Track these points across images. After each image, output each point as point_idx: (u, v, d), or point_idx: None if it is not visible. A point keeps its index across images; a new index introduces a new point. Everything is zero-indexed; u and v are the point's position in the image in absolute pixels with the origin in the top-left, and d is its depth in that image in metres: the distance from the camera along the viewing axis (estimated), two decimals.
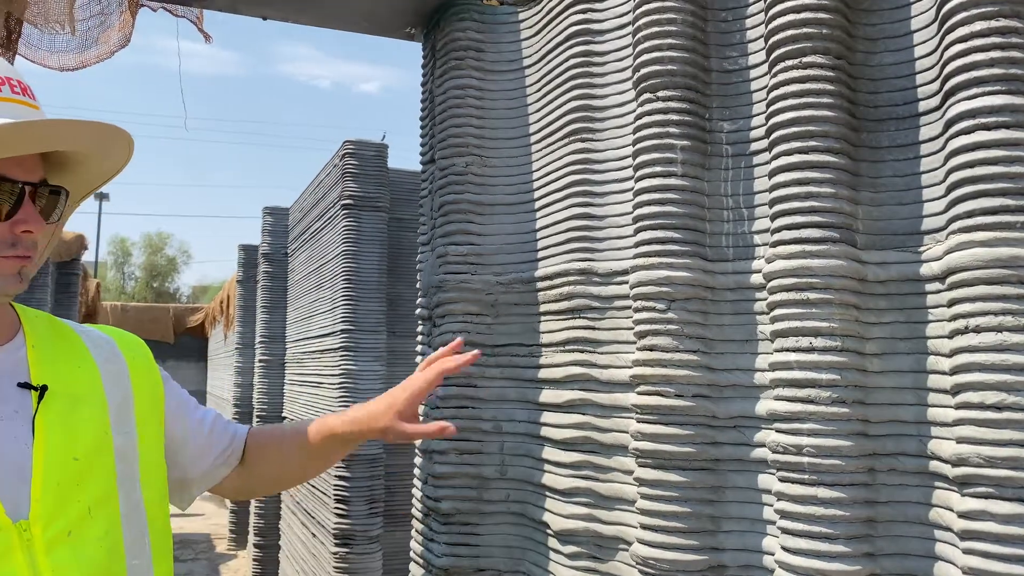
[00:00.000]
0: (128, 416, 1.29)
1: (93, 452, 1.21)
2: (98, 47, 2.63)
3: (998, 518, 1.50)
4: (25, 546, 1.09)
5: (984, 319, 1.54)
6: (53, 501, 1.13)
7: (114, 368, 1.31)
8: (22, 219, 1.14)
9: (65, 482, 1.15)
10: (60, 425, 1.18)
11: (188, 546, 10.30)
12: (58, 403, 1.19)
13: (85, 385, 1.25)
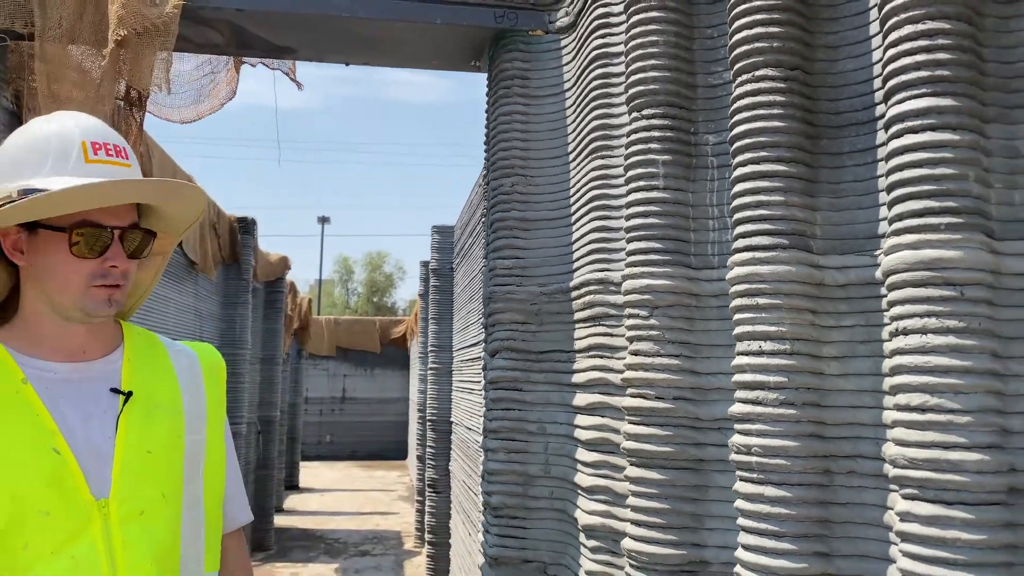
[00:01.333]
0: (200, 422, 1.51)
1: (166, 448, 1.43)
2: (210, 101, 3.11)
3: (921, 519, 1.51)
4: (103, 520, 1.32)
5: (910, 321, 1.55)
6: (128, 485, 1.35)
7: (192, 381, 1.53)
8: (110, 257, 1.37)
9: (139, 470, 1.37)
10: (138, 424, 1.40)
11: (380, 542, 11.13)
12: (139, 407, 1.42)
13: (166, 394, 1.49)
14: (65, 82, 2.73)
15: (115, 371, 1.43)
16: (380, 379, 19.63)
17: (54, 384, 1.36)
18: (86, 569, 1.28)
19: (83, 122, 1.41)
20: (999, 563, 1.46)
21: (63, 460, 1.30)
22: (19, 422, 1.30)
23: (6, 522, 1.22)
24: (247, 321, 8.55)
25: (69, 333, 1.38)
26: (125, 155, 1.41)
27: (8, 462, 1.26)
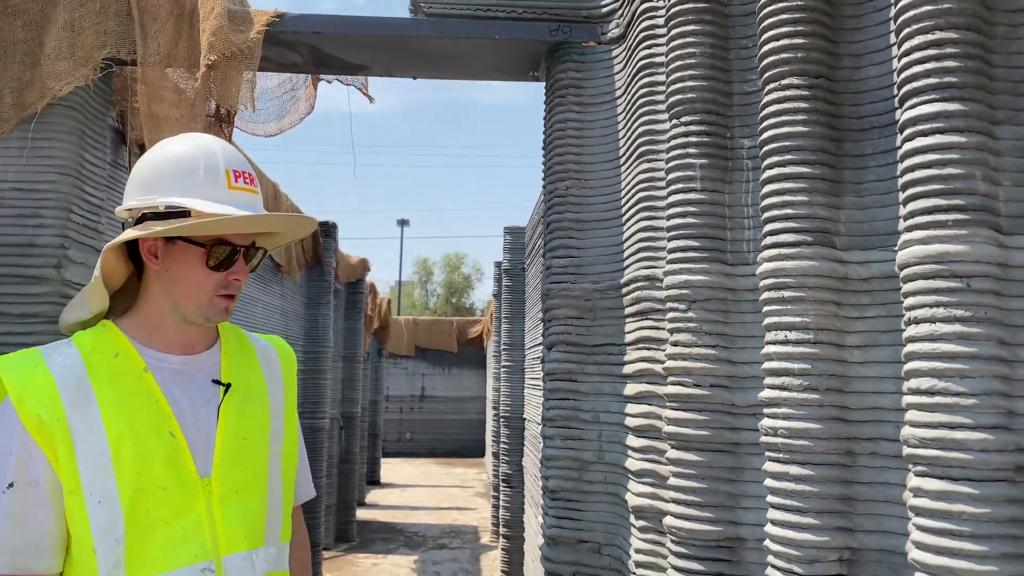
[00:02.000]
0: (280, 408, 1.69)
1: (257, 434, 1.60)
2: (291, 116, 3.38)
3: (930, 494, 1.63)
4: (206, 497, 1.49)
5: (921, 311, 1.67)
6: (227, 467, 1.53)
7: (273, 372, 1.70)
8: (236, 271, 1.54)
9: (235, 454, 1.54)
10: (236, 413, 1.57)
11: (458, 535, 11.43)
12: (236, 397, 1.58)
13: (255, 385, 1.66)
14: (163, 102, 3.03)
15: (215, 364, 1.60)
16: (457, 378, 20.00)
17: (170, 374, 1.51)
18: (194, 537, 1.45)
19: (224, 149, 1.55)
20: (1003, 535, 1.57)
21: (177, 443, 1.46)
22: (142, 406, 1.46)
23: (133, 491, 1.40)
24: (329, 320, 8.92)
25: (184, 331, 1.55)
26: (255, 182, 1.58)
27: (134, 441, 1.42)
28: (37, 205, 2.82)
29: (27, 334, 2.75)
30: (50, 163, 2.86)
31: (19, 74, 2.81)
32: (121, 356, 1.48)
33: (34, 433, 1.38)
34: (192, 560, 1.44)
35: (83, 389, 1.43)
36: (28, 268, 2.79)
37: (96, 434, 1.41)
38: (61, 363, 1.44)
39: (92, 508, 1.39)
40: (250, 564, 1.51)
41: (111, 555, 1.41)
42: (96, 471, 1.39)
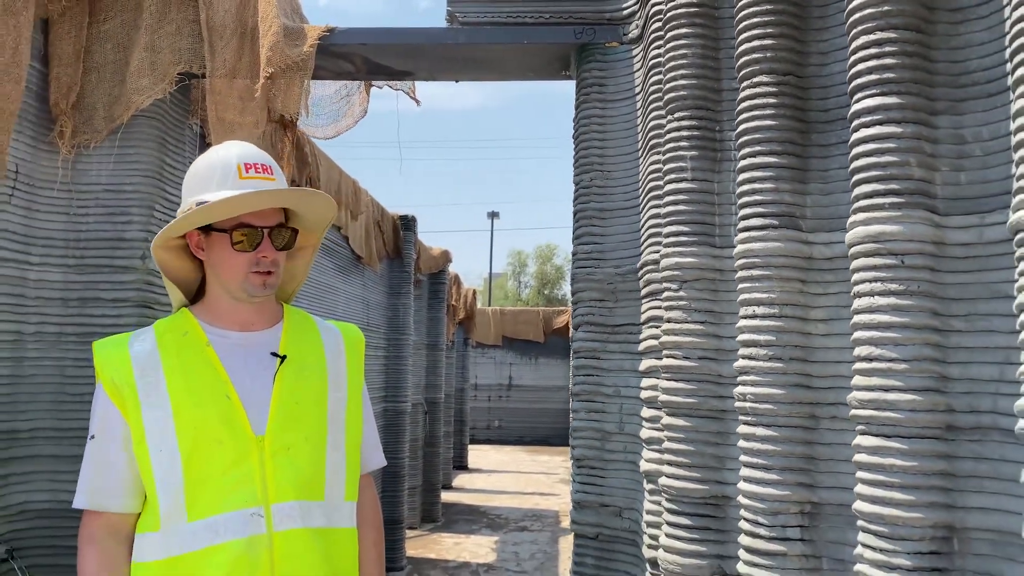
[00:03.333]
0: (341, 383, 1.87)
1: (310, 401, 1.79)
2: (346, 119, 3.73)
3: (867, 450, 1.82)
4: (259, 451, 1.69)
5: (862, 286, 1.86)
6: (279, 427, 1.72)
7: (335, 351, 1.89)
8: (262, 250, 1.74)
9: (287, 416, 1.74)
10: (290, 381, 1.77)
11: (539, 519, 11.74)
12: (291, 367, 1.78)
13: (313, 359, 1.85)
14: (230, 110, 3.42)
15: (275, 340, 1.81)
16: (544, 368, 20.29)
17: (229, 347, 1.74)
18: (246, 486, 1.65)
19: (241, 149, 1.79)
20: (930, 486, 1.74)
21: (232, 404, 1.68)
22: (203, 373, 1.69)
23: (191, 444, 1.63)
24: (409, 309, 9.34)
25: (239, 309, 1.78)
26: (270, 171, 1.79)
27: (194, 402, 1.66)
28: (125, 204, 3.25)
29: (117, 315, 3.18)
30: (135, 167, 3.28)
31: (109, 90, 3.24)
32: (189, 334, 1.73)
33: (111, 395, 1.66)
34: (244, 505, 1.63)
35: (152, 361, 1.69)
36: (118, 259, 3.22)
37: (160, 396, 1.66)
38: (139, 342, 1.72)
39: (154, 457, 1.63)
40: (298, 513, 1.68)
41: (170, 497, 1.63)
42: (159, 426, 1.64)
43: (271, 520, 1.65)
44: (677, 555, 2.31)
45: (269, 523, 1.65)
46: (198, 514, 1.63)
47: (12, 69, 2.81)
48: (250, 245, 1.72)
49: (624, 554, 3.03)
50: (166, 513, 1.64)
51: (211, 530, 1.61)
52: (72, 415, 3.13)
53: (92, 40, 3.23)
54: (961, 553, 1.75)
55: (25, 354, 3.10)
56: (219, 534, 1.61)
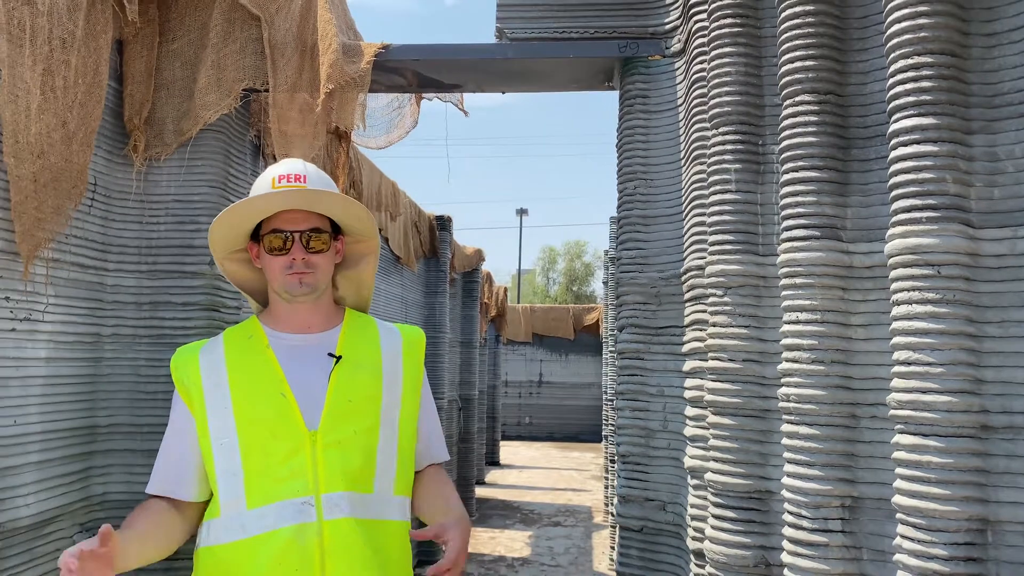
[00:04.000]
0: (396, 381, 1.98)
1: (363, 399, 1.91)
2: (398, 130, 3.90)
3: (906, 448, 1.95)
4: (312, 445, 1.83)
5: (901, 295, 1.99)
6: (331, 422, 1.86)
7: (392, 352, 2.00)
8: (293, 252, 1.91)
9: (340, 413, 1.87)
10: (344, 380, 1.90)
11: (572, 514, 11.90)
12: (347, 367, 1.92)
13: (369, 358, 1.98)
14: (291, 123, 3.60)
15: (333, 341, 1.97)
16: (574, 364, 20.43)
17: (287, 349, 1.90)
18: (299, 477, 1.79)
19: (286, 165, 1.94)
20: (965, 482, 1.87)
21: (287, 401, 1.83)
22: (262, 373, 1.86)
23: (250, 437, 1.80)
24: (446, 308, 9.53)
25: (295, 311, 1.94)
26: (303, 180, 1.90)
27: (253, 400, 1.83)
28: (193, 213, 3.44)
29: (186, 318, 3.38)
30: (202, 178, 3.47)
31: (178, 106, 3.43)
32: (252, 337, 1.92)
33: (182, 394, 1.86)
34: (296, 494, 1.77)
35: (217, 362, 1.87)
36: (187, 265, 3.42)
37: (222, 393, 1.83)
38: (208, 346, 1.92)
39: (216, 450, 1.80)
40: (347, 503, 1.79)
41: (231, 487, 1.78)
42: (221, 422, 1.81)
43: (321, 509, 1.76)
44: (723, 546, 2.45)
45: (319, 512, 1.76)
46: (255, 502, 1.76)
47: (94, 90, 3.01)
48: (281, 248, 1.87)
49: (668, 546, 3.17)
50: (226, 501, 1.78)
51: (267, 517, 1.75)
52: (146, 412, 3.33)
53: (162, 59, 3.42)
54: (995, 544, 1.88)
55: (103, 354, 3.31)
56: (274, 521, 1.74)
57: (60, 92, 2.85)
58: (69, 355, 3.12)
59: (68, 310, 3.10)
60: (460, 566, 1.77)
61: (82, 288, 3.19)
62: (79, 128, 2.95)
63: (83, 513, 3.22)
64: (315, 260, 1.90)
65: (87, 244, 3.21)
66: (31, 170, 2.74)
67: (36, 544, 2.95)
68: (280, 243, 1.88)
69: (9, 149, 2.67)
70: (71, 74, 2.90)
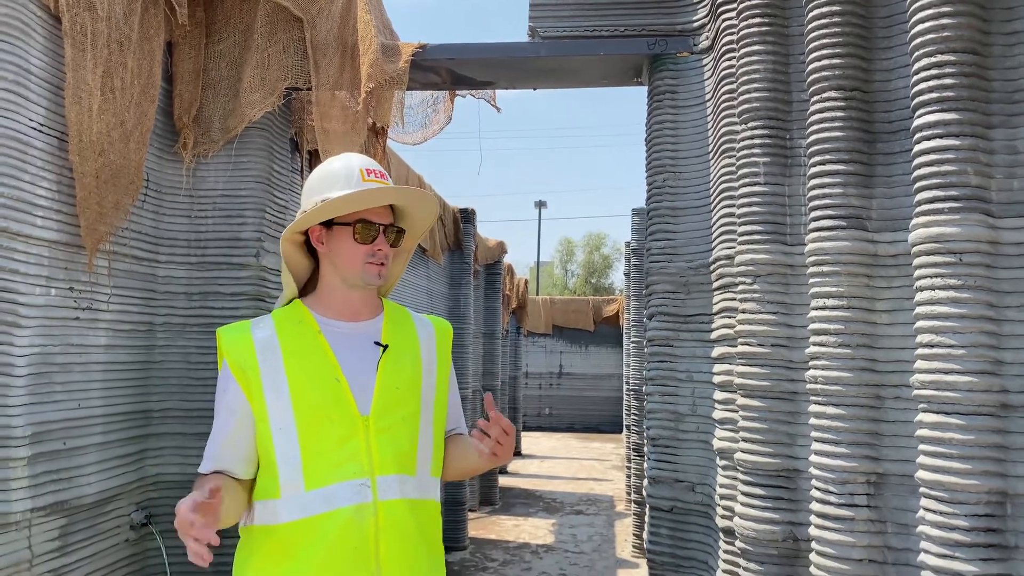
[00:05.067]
0: (432, 370, 2.07)
1: (408, 386, 1.99)
2: (433, 126, 4.03)
3: (928, 425, 2.07)
4: (365, 430, 1.90)
5: (924, 281, 2.10)
6: (381, 409, 1.93)
7: (428, 341, 2.09)
8: (378, 244, 1.92)
9: (389, 400, 1.93)
10: (391, 368, 1.97)
11: (594, 503, 12.04)
12: (392, 356, 1.98)
13: (410, 348, 2.06)
14: (332, 120, 3.74)
15: (377, 330, 2.02)
16: (594, 356, 20.53)
17: (339, 336, 1.94)
18: (355, 460, 1.85)
19: (361, 158, 2.02)
20: (985, 457, 1.98)
21: (342, 387, 1.88)
22: (316, 359, 1.90)
23: (307, 421, 1.84)
24: (470, 300, 9.67)
25: (351, 299, 1.98)
26: (385, 177, 2.04)
27: (309, 385, 1.87)
28: (240, 207, 3.60)
29: (234, 308, 3.53)
30: (248, 173, 3.62)
31: (224, 105, 3.59)
32: (302, 323, 1.94)
33: (237, 377, 1.85)
34: (353, 476, 1.83)
35: (272, 346, 1.89)
36: (235, 257, 3.57)
37: (279, 378, 1.85)
38: (259, 328, 1.92)
39: (275, 432, 1.83)
40: (398, 484, 1.87)
41: (289, 469, 1.83)
42: (279, 406, 1.84)
43: (376, 490, 1.84)
44: (753, 522, 2.58)
45: (375, 493, 1.84)
46: (314, 484, 1.82)
47: (148, 90, 3.16)
48: (368, 238, 1.94)
49: (697, 525, 3.30)
50: (285, 482, 1.83)
51: (326, 498, 1.80)
52: (196, 397, 3.49)
53: (209, 59, 3.57)
54: (1013, 516, 2.00)
55: (155, 343, 3.48)
56: (333, 502, 1.80)
57: (118, 93, 3.01)
58: (126, 343, 3.29)
59: (125, 300, 3.27)
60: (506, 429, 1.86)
61: (136, 279, 3.35)
62: (135, 127, 3.11)
63: (139, 493, 3.39)
64: (391, 253, 2.01)
65: (141, 237, 3.37)
66: (93, 167, 2.90)
67: (98, 521, 3.12)
68: (371, 234, 1.95)
69: (74, 147, 2.83)
70: (128, 75, 3.06)
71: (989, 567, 1.97)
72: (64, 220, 2.86)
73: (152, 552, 3.42)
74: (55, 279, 2.84)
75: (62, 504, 2.87)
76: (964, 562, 1.98)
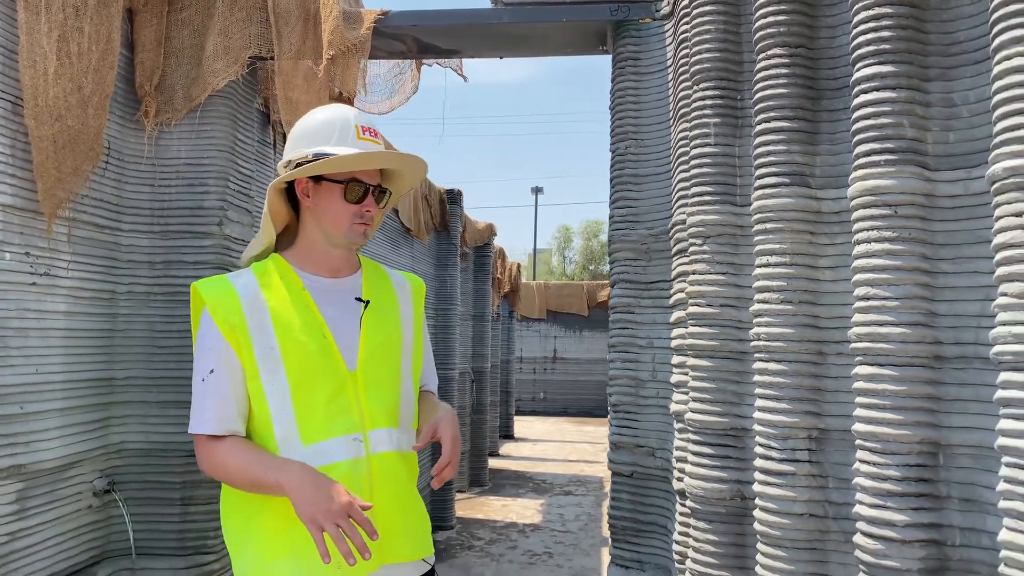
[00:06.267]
0: (409, 324, 2.10)
1: (390, 340, 2.01)
2: (398, 96, 4.02)
3: (864, 378, 2.07)
4: (354, 384, 1.85)
5: (861, 234, 2.11)
6: (368, 363, 1.88)
7: (405, 296, 2.11)
8: (367, 204, 1.90)
9: (374, 354, 1.94)
10: (373, 323, 1.98)
11: (583, 484, 12.09)
12: (374, 311, 1.99)
13: (389, 303, 2.06)
14: (296, 89, 3.73)
15: (357, 286, 2.01)
16: (588, 341, 20.56)
17: (322, 292, 1.93)
18: (346, 415, 1.85)
19: (356, 112, 1.98)
20: (918, 408, 2.00)
21: (328, 343, 1.87)
22: (301, 314, 1.87)
23: (297, 377, 1.83)
24: (456, 281, 9.68)
25: (332, 256, 1.97)
26: (377, 135, 2.01)
27: (297, 340, 1.85)
28: (203, 176, 3.59)
29: (198, 276, 3.53)
30: (211, 142, 3.62)
31: (187, 73, 3.58)
32: (285, 278, 1.91)
33: (226, 334, 1.81)
34: (346, 431, 1.84)
35: (258, 301, 1.85)
36: (197, 225, 3.57)
37: (267, 334, 1.83)
38: (242, 283, 1.88)
39: (268, 389, 1.81)
40: (388, 438, 1.90)
41: (284, 425, 1.82)
42: (269, 362, 1.82)
43: (368, 444, 1.86)
44: (701, 480, 2.59)
45: (367, 447, 1.86)
46: (310, 439, 1.82)
47: (107, 56, 3.15)
48: (358, 198, 1.92)
49: (657, 490, 3.31)
50: (282, 438, 1.82)
51: (324, 452, 1.81)
52: (161, 366, 3.50)
53: (171, 27, 3.57)
54: (945, 466, 2.01)
55: (119, 311, 3.48)
56: (330, 456, 1.81)
57: (75, 58, 3.00)
58: (87, 310, 3.29)
59: (85, 268, 3.27)
60: (456, 456, 1.91)
61: (98, 247, 3.35)
62: (94, 93, 3.10)
63: (102, 460, 3.40)
64: (377, 214, 1.99)
65: (102, 205, 3.37)
66: (50, 132, 2.90)
67: (59, 487, 3.14)
68: (361, 194, 1.93)
69: (30, 112, 2.83)
70: (85, 41, 3.05)
71: (920, 516, 1.98)
72: (19, 185, 2.86)
73: (116, 519, 3.44)
74: (10, 243, 2.84)
75: (19, 468, 2.88)
76: (896, 511, 1.99)
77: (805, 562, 2.26)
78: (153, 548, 3.46)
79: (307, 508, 1.64)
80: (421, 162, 2.02)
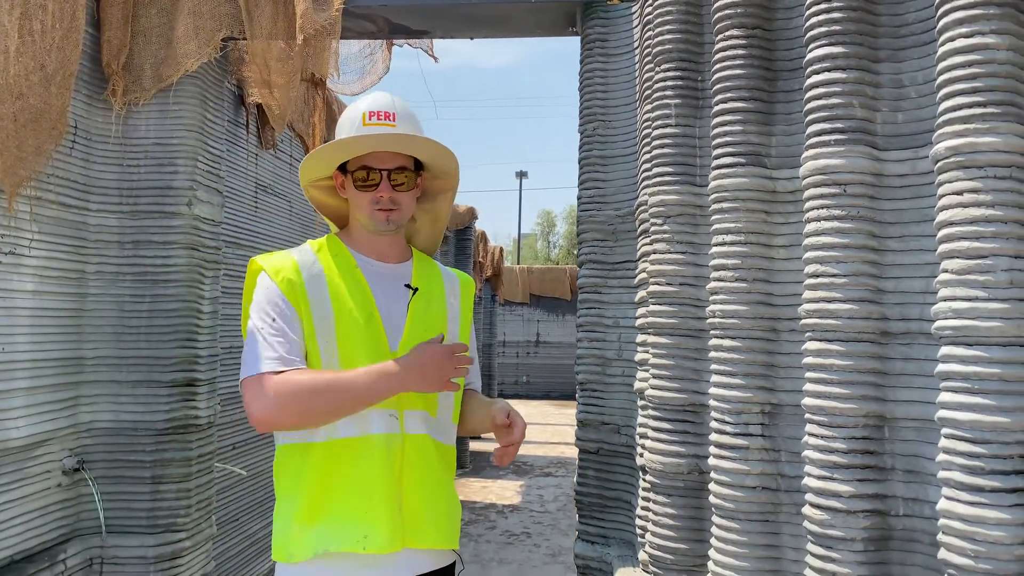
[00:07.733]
0: (456, 318, 2.12)
1: (434, 327, 2.03)
2: (371, 76, 4.03)
3: (813, 353, 2.12)
4: None
5: (812, 213, 2.15)
6: (410, 346, 1.91)
7: (452, 289, 2.15)
8: (381, 189, 1.91)
9: (418, 339, 1.92)
10: (420, 309, 2.02)
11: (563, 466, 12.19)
12: (421, 299, 2.04)
13: (437, 294, 2.11)
14: (270, 71, 3.74)
15: (407, 273, 2.05)
16: (571, 324, 20.61)
17: (372, 273, 1.97)
18: None
19: (374, 99, 1.99)
20: (864, 382, 2.04)
21: (376, 322, 1.92)
22: (354, 290, 1.93)
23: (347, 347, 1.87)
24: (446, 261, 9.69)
25: (375, 241, 2.00)
26: (392, 118, 1.96)
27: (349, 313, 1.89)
28: (172, 156, 3.59)
29: (167, 256, 3.55)
30: (180, 122, 3.62)
31: (155, 52, 3.57)
32: (339, 256, 1.98)
33: (287, 292, 1.87)
34: (384, 406, 1.88)
35: (316, 270, 1.92)
36: (167, 205, 3.58)
37: (324, 301, 1.89)
38: (301, 253, 1.95)
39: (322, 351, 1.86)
40: (423, 420, 1.93)
41: None
42: (325, 326, 1.88)
43: (403, 422, 1.91)
44: (660, 455, 2.64)
45: (402, 424, 1.90)
46: None
47: (71, 34, 3.14)
48: (370, 184, 1.94)
49: (622, 466, 3.37)
50: None
51: (363, 422, 1.86)
52: (131, 345, 3.51)
53: (138, 5, 3.55)
54: (890, 439, 2.06)
55: (88, 291, 3.49)
56: (368, 427, 1.86)
57: (38, 36, 2.99)
58: (55, 289, 3.30)
59: (53, 247, 3.27)
60: (522, 439, 1.96)
61: (65, 226, 3.36)
62: (57, 71, 3.09)
63: (72, 439, 3.42)
64: (400, 198, 1.97)
65: (70, 185, 3.37)
66: (11, 110, 2.90)
67: (27, 465, 3.15)
68: (369, 180, 1.94)
69: None
70: (48, 18, 3.04)
71: (865, 487, 2.03)
72: None
73: (86, 498, 3.46)
74: None
75: None
76: (842, 483, 2.04)
77: (758, 533, 2.32)
78: (123, 526, 3.48)
79: (418, 378, 1.84)
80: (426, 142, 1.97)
